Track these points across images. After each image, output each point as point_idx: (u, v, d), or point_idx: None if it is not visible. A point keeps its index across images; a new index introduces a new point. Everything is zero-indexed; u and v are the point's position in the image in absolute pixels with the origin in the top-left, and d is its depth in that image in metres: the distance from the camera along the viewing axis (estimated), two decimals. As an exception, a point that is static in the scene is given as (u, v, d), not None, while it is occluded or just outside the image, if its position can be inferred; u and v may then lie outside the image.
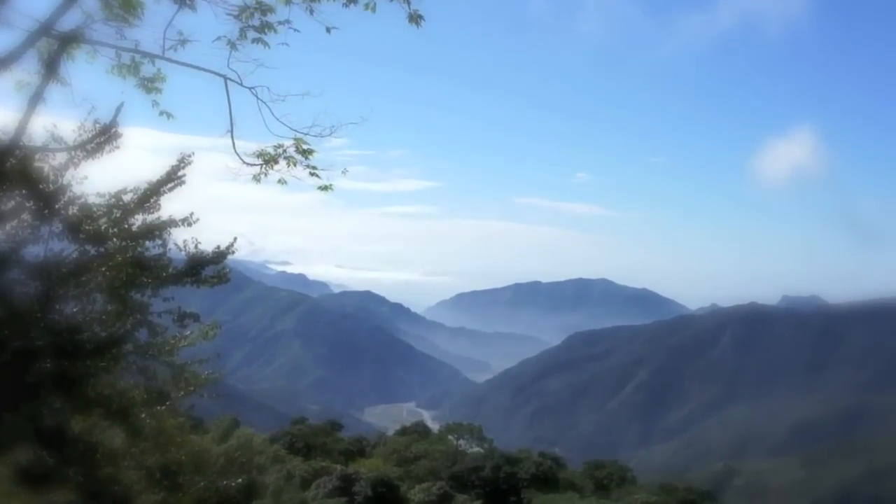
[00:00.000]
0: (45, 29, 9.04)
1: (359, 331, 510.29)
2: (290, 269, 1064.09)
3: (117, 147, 10.07)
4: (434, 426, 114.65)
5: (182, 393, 11.36)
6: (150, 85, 10.05)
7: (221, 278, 11.21)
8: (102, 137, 9.92)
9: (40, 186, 9.63)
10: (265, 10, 9.23)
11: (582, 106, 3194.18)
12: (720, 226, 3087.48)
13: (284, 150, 10.09)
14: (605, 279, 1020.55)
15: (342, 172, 10.48)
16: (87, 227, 9.93)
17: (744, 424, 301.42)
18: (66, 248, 10.01)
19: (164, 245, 10.60)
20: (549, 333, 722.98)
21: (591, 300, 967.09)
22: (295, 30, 9.28)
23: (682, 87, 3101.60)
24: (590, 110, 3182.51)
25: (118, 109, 9.99)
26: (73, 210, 9.99)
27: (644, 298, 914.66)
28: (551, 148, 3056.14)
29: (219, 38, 9.37)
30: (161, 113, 10.23)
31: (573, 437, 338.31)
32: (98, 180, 10.29)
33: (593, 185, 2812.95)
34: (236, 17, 9.27)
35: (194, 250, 10.83)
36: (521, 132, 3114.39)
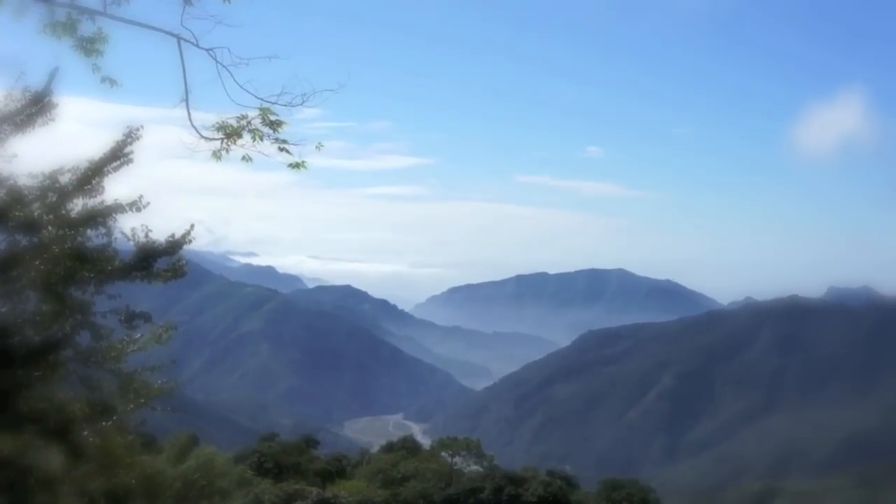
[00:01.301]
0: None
1: (337, 332, 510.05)
2: (256, 261, 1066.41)
3: (52, 119, 9.99)
4: (425, 441, 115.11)
5: (131, 406, 11.32)
6: (89, 46, 9.94)
7: (176, 272, 11.17)
8: (34, 108, 9.83)
9: (-39, 166, 9.56)
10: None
11: (593, 67, 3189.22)
12: (756, 207, 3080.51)
13: (249, 122, 10.03)
14: (623, 269, 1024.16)
15: (316, 148, 10.43)
16: (17, 214, 9.86)
17: (786, 437, 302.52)
18: (-7, 239, 9.94)
19: (108, 234, 10.54)
20: (557, 333, 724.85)
21: (607, 294, 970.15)
22: (259, -20, 9.20)
23: (710, 45, 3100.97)
24: (603, 72, 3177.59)
25: (52, 75, 9.91)
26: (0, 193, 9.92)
27: (668, 291, 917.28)
28: (558, 117, 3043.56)
29: (170, -10, 9.29)
30: (103, 79, 10.13)
31: (586, 452, 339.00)
32: (30, 158, 10.22)
33: (607, 161, 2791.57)
34: (190, -35, 9.19)
35: (144, 240, 10.78)
36: (524, 99, 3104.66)
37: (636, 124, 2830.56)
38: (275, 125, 10.00)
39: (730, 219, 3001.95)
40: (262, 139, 10.05)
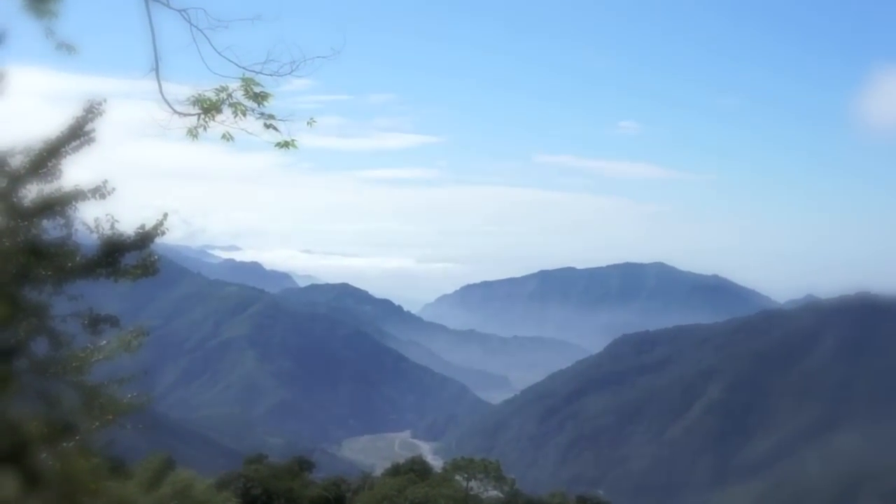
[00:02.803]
0: None
1: (333, 337, 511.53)
2: (240, 256, 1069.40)
3: None
4: (436, 463, 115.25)
5: (96, 424, 11.29)
6: (41, 7, 9.90)
7: (147, 269, 11.13)
8: (-21, 80, 9.81)
9: None
10: None
11: (626, 30, 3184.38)
12: (817, 189, 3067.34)
13: (229, 95, 10.00)
14: (662, 263, 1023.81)
15: (308, 124, 10.41)
16: (-39, 202, 9.84)
17: (855, 458, 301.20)
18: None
19: (67, 225, 10.49)
20: (587, 337, 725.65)
21: (644, 292, 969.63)
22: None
23: (758, 3, 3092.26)
24: (637, 36, 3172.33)
25: (-1, 41, 9.87)
26: (-59, 179, 9.90)
27: (714, 288, 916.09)
28: (586, 88, 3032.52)
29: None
30: (59, 46, 10.09)
31: (622, 475, 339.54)
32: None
33: (643, 138, 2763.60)
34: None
35: (110, 231, 10.74)
36: (546, 68, 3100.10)
37: (676, 95, 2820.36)
38: (259, 98, 9.97)
39: (786, 203, 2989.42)
40: (244, 114, 10.01)
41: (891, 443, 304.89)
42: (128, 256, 10.93)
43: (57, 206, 10.33)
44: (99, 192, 10.53)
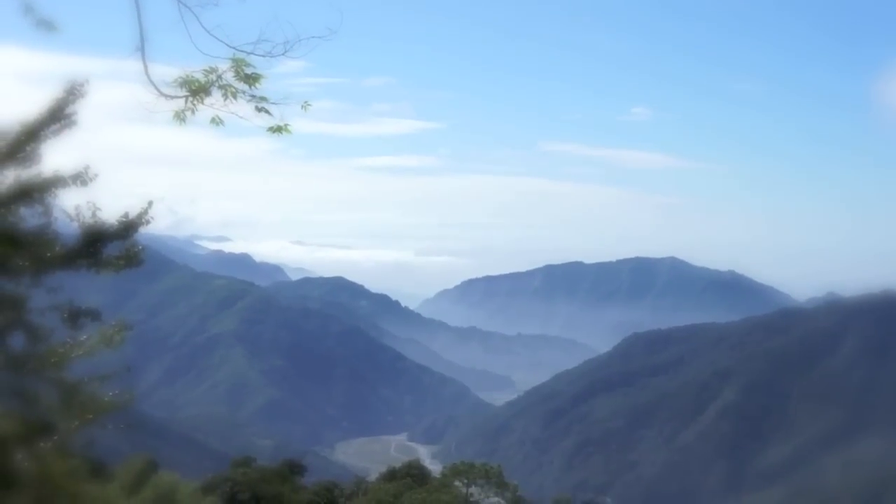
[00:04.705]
0: None
1: (327, 334, 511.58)
2: (228, 248, 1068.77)
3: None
4: (434, 467, 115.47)
5: (76, 423, 11.28)
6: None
7: (131, 260, 11.11)
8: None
9: None
10: None
11: (638, 9, 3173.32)
12: (840, 180, 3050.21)
13: (219, 76, 9.98)
14: (675, 258, 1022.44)
15: (302, 108, 10.41)
16: (-65, 188, 9.84)
17: (879, 464, 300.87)
18: None
19: (47, 213, 10.48)
20: (595, 335, 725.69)
21: (656, 288, 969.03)
22: None
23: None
24: (650, 16, 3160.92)
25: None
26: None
27: (730, 285, 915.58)
28: (595, 71, 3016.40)
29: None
30: (38, 23, 10.07)
31: (631, 482, 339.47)
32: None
33: (656, 125, 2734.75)
34: None
35: (91, 220, 10.73)
36: (553, 50, 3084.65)
37: (691, 79, 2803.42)
38: (251, 80, 9.95)
39: (807, 195, 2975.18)
40: (235, 97, 9.99)
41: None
42: (110, 246, 10.89)
43: (35, 192, 10.32)
44: (80, 178, 10.51)
